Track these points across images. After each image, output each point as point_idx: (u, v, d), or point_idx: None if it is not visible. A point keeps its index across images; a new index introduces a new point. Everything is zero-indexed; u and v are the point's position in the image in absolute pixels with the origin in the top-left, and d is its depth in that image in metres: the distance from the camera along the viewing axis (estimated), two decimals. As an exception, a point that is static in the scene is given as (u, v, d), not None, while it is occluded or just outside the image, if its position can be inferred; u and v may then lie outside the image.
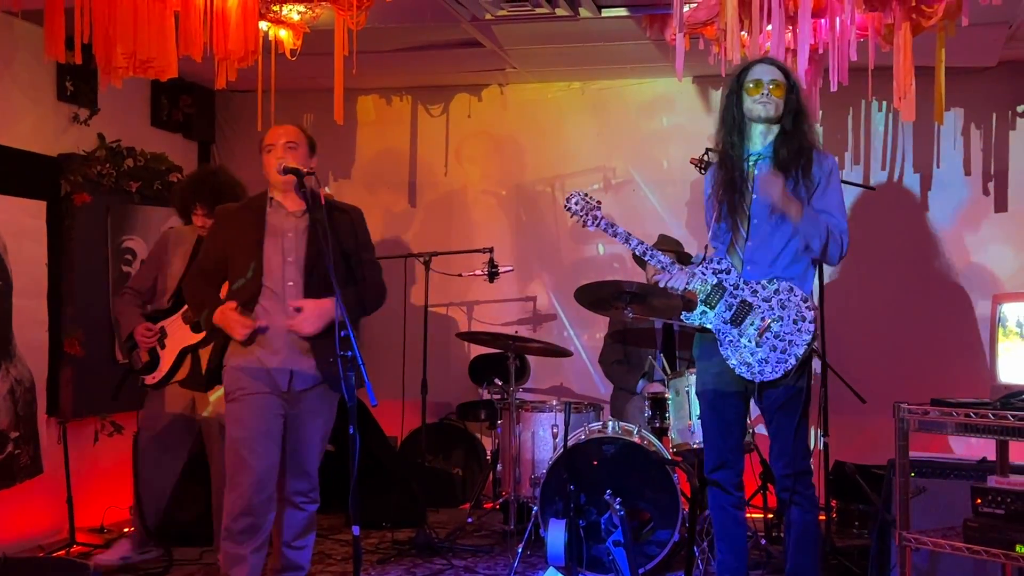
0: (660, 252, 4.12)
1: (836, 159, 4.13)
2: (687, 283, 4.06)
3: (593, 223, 4.15)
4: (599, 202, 4.20)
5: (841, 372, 5.62)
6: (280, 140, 4.28)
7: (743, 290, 4.02)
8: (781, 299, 3.97)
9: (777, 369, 3.95)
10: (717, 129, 4.14)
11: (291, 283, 4.20)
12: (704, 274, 4.06)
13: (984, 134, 6.52)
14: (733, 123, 4.06)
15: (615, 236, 4.14)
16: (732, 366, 4.02)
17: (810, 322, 3.93)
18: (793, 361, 3.94)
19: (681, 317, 4.15)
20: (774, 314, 3.97)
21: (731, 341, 4.03)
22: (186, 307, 5.01)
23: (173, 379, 5.13)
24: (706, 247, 4.16)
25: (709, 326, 4.07)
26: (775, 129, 4.04)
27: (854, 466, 5.66)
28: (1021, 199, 6.45)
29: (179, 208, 5.33)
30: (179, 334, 5.09)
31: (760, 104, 3.97)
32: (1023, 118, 6.48)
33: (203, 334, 4.95)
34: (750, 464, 5.23)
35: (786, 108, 3.99)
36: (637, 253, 4.17)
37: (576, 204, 4.17)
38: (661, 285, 4.13)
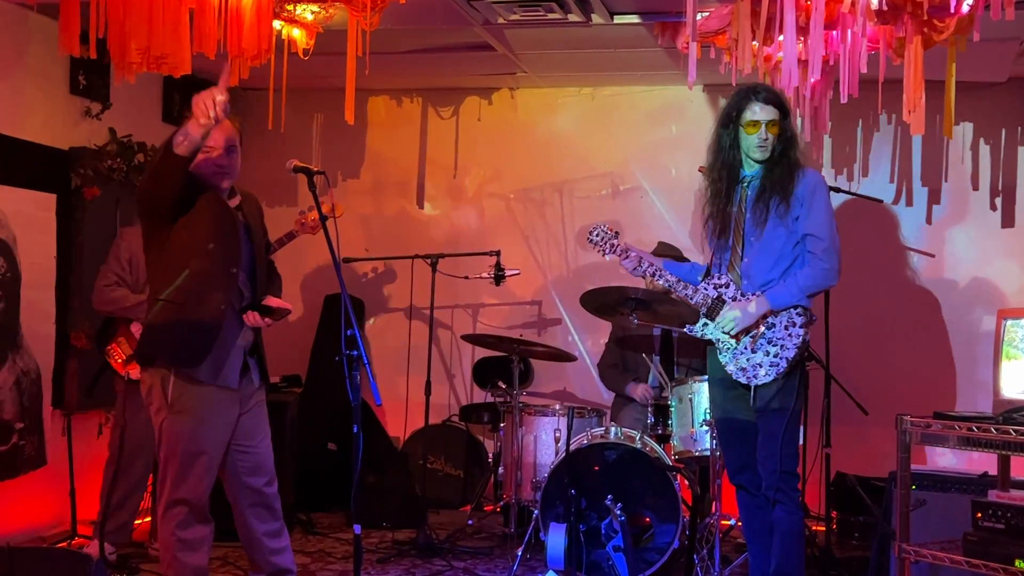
0: (668, 272, 4.35)
1: (818, 174, 4.25)
2: (692, 298, 4.28)
3: (610, 251, 4.43)
4: (617, 232, 4.48)
5: (844, 383, 5.64)
6: (221, 144, 3.95)
7: (739, 302, 4.19)
8: None
9: (770, 372, 4.11)
10: (710, 151, 4.33)
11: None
12: (706, 289, 4.28)
13: (993, 149, 6.52)
14: (727, 153, 4.24)
15: (625, 260, 4.38)
16: (730, 372, 4.20)
17: (800, 327, 4.11)
18: (784, 364, 4.10)
19: (686, 330, 4.35)
20: (767, 321, 4.14)
21: (729, 348, 4.21)
22: None
23: None
24: (710, 262, 4.39)
25: (710, 337, 4.27)
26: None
27: (855, 477, 5.67)
28: (1028, 215, 6.46)
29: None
30: None
31: (758, 148, 4.16)
32: (1032, 134, 6.49)
33: None
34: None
35: (779, 138, 4.15)
36: (647, 276, 4.39)
37: (597, 236, 4.46)
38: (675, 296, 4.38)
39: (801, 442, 5.20)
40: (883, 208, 6.40)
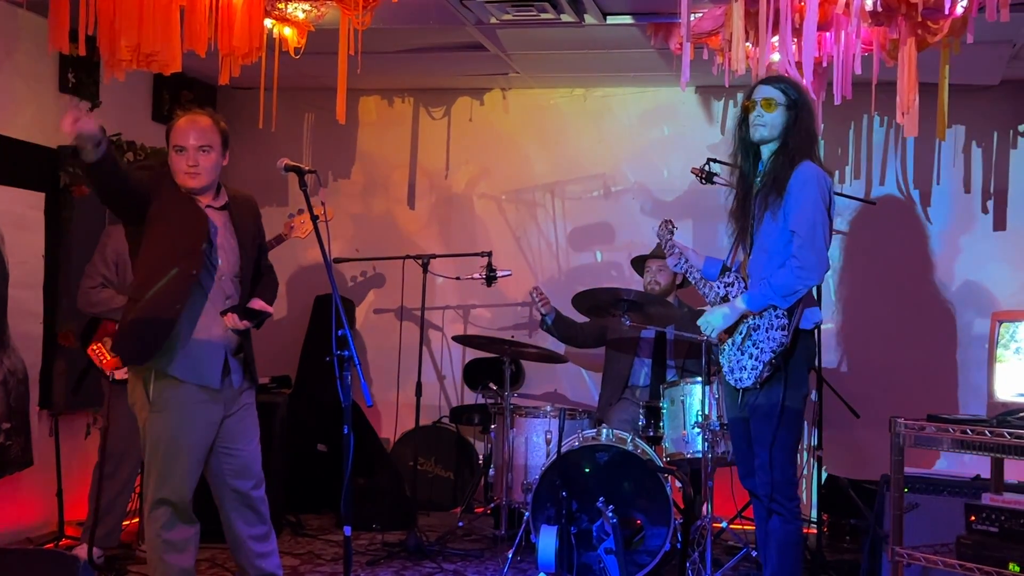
0: (697, 270, 4.26)
1: (814, 167, 3.96)
2: (708, 296, 4.20)
3: (667, 248, 4.38)
4: (675, 228, 4.44)
5: (836, 386, 5.63)
6: (192, 143, 3.95)
7: (719, 305, 4.12)
8: None
9: (751, 376, 3.97)
10: (733, 147, 4.22)
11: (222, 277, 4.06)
12: (717, 288, 4.18)
13: (985, 152, 6.53)
14: (742, 143, 4.12)
15: (669, 256, 4.33)
16: (724, 374, 4.11)
17: (778, 329, 3.92)
18: (761, 367, 3.94)
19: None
20: (753, 322, 4.00)
21: (724, 350, 4.13)
22: None
23: None
24: (729, 258, 4.27)
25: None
26: (776, 147, 4.05)
27: (847, 480, 5.66)
28: (1020, 218, 6.44)
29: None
30: None
31: (753, 126, 4.03)
32: (1024, 137, 6.50)
33: None
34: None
35: (786, 124, 4.00)
36: (683, 275, 4.39)
37: (661, 231, 4.42)
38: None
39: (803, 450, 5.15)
40: (875, 211, 6.39)
